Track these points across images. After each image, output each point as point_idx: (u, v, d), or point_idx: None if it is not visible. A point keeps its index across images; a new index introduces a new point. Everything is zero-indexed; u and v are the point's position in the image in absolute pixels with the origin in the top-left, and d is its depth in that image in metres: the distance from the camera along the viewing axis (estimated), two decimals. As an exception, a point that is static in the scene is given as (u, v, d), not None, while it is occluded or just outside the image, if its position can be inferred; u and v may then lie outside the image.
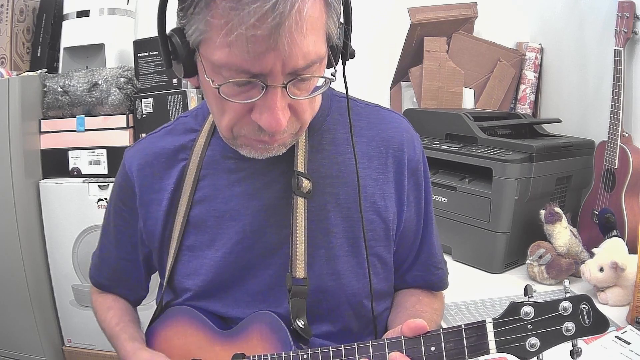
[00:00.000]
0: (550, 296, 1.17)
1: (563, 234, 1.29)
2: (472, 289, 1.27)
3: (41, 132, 1.87)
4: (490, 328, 0.60)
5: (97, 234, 0.94)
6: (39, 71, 1.92)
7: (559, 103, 1.83)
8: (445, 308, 0.96)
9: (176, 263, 0.81)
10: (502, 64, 1.90)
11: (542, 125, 1.69)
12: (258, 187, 0.78)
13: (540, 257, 1.28)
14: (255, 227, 0.77)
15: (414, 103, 1.95)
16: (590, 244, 1.30)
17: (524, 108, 1.91)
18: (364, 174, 0.80)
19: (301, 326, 0.73)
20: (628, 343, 0.98)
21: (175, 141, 0.83)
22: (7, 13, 1.96)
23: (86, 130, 1.86)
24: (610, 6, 1.44)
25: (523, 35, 2.00)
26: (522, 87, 1.92)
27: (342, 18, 0.68)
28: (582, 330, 0.58)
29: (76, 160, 1.88)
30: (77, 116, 1.86)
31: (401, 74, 2.00)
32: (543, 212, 1.32)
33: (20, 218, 1.80)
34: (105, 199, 1.81)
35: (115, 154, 1.85)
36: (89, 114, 1.86)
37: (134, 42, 1.91)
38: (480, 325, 0.60)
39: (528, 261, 1.32)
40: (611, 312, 1.10)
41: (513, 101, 1.97)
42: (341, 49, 0.68)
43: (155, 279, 0.92)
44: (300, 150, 0.78)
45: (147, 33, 2.02)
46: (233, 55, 0.59)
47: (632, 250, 1.16)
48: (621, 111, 1.34)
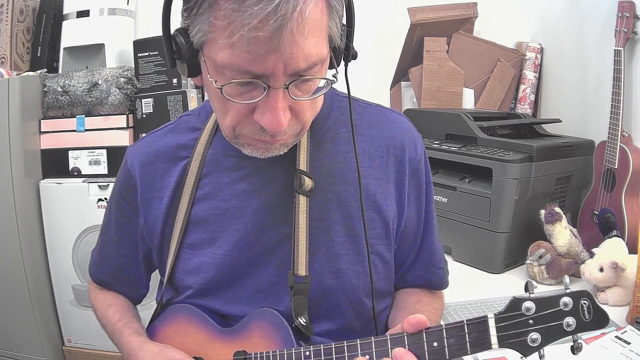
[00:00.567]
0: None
1: (563, 234, 1.29)
2: (472, 289, 1.27)
3: (41, 132, 1.87)
4: (492, 323, 0.60)
5: (97, 234, 0.94)
6: (39, 71, 1.91)
7: (559, 103, 1.84)
8: (445, 308, 0.96)
9: (177, 261, 0.81)
10: (502, 64, 1.91)
11: (542, 125, 1.69)
12: (260, 185, 0.78)
13: (540, 257, 1.29)
14: (256, 225, 0.78)
15: (414, 103, 1.95)
16: (590, 244, 1.30)
17: (524, 108, 1.91)
18: (365, 173, 0.80)
19: (303, 324, 0.73)
20: (628, 343, 0.98)
21: (177, 139, 0.83)
22: (7, 13, 1.96)
23: (86, 130, 1.86)
24: (610, 6, 1.45)
25: (523, 35, 2.00)
26: (522, 87, 1.92)
27: (345, 20, 0.68)
28: (583, 325, 0.58)
29: (76, 160, 1.88)
30: (77, 116, 1.86)
31: (401, 74, 2.00)
32: (543, 212, 1.32)
33: (20, 218, 1.80)
34: (105, 199, 1.81)
35: (115, 154, 1.85)
36: (89, 114, 1.86)
37: (134, 42, 1.91)
38: (482, 320, 0.60)
39: (528, 261, 1.32)
40: (611, 312, 1.07)
41: (513, 101, 1.97)
42: (343, 51, 0.69)
43: (155, 278, 0.92)
44: (302, 148, 0.78)
45: (147, 33, 2.03)
46: (235, 56, 0.59)
47: (632, 250, 1.16)
48: (621, 111, 1.35)
